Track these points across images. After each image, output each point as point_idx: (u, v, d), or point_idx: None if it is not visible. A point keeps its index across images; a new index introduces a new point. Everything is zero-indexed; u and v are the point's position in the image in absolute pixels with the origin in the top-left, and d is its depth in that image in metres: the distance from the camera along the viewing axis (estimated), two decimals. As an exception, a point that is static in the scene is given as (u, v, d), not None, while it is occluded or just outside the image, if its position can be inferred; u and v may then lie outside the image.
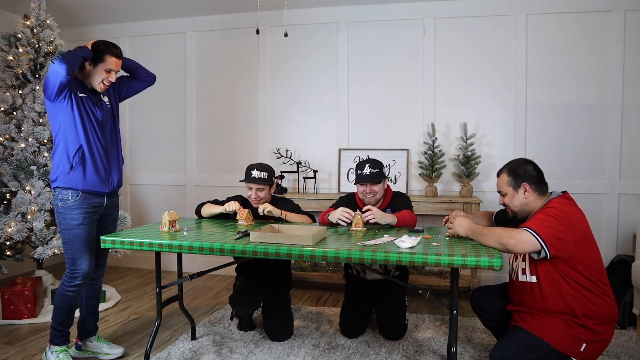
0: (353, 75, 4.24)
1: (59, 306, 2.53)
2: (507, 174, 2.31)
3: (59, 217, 2.49)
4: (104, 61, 2.47)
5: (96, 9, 4.34)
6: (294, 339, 2.95)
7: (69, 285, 2.49)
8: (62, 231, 2.49)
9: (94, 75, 2.49)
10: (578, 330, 2.11)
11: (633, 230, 3.61)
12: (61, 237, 2.52)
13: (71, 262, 2.49)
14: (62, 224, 2.48)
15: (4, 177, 3.43)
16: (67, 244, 2.48)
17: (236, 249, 2.23)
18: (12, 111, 3.54)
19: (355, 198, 3.01)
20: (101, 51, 2.47)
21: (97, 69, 2.48)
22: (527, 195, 2.26)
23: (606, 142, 3.80)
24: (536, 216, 2.17)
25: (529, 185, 2.26)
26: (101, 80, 2.49)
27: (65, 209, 2.46)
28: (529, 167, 2.30)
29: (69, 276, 2.50)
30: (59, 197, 2.47)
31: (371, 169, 2.85)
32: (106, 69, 2.49)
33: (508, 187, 2.30)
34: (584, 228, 2.16)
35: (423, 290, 2.31)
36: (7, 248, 3.41)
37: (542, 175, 2.30)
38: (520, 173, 2.28)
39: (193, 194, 4.57)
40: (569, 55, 3.83)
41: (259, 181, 2.91)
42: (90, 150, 2.49)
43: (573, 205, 2.23)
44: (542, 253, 2.07)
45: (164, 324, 3.22)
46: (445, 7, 4.01)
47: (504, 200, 2.34)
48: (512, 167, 2.33)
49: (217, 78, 4.53)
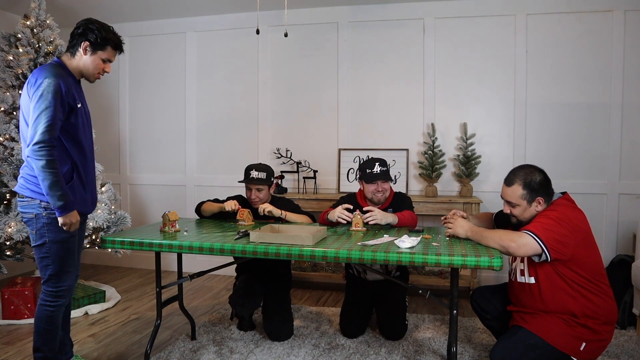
0: (353, 75, 4.23)
1: (46, 330, 2.19)
2: (521, 187, 2.21)
3: (41, 229, 2.14)
4: (105, 49, 2.21)
5: (96, 9, 4.34)
6: (294, 339, 2.95)
7: (54, 305, 2.19)
8: (44, 245, 2.14)
9: (90, 64, 2.20)
10: (578, 329, 2.11)
11: (633, 230, 3.61)
12: (40, 252, 2.16)
13: (55, 278, 2.17)
14: (46, 236, 2.14)
15: (4, 177, 3.43)
16: (50, 258, 2.15)
17: (236, 249, 2.23)
18: (12, 111, 3.54)
19: (357, 198, 3.01)
20: (102, 39, 2.18)
21: (94, 57, 2.20)
22: (539, 207, 2.23)
23: (606, 142, 3.80)
24: (537, 219, 2.17)
25: (543, 199, 2.22)
26: (98, 71, 2.24)
27: (53, 220, 2.12)
28: (541, 177, 2.23)
29: (53, 294, 2.18)
30: (42, 205, 2.13)
31: (381, 167, 2.86)
32: (104, 59, 2.23)
33: (522, 200, 2.22)
34: (585, 230, 2.16)
35: (423, 290, 2.31)
36: (7, 248, 3.41)
37: (550, 182, 2.26)
38: (536, 187, 2.20)
39: (193, 194, 4.57)
40: (569, 55, 3.83)
41: (258, 181, 2.92)
42: (83, 167, 2.22)
43: (574, 207, 2.23)
44: (543, 256, 2.07)
45: (164, 324, 3.22)
46: (445, 7, 4.01)
47: (514, 212, 2.27)
48: (525, 179, 2.22)
49: (217, 78, 4.53)
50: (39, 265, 2.19)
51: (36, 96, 2.03)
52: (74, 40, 2.20)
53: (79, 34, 2.18)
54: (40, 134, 2.00)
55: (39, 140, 2.01)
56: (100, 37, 2.18)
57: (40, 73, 2.08)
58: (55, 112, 2.03)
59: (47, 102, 2.02)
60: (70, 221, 2.12)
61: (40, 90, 2.03)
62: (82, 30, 2.18)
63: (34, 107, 2.03)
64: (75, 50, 2.19)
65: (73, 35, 2.21)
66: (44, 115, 2.01)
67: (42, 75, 2.07)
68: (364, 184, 2.93)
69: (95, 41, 2.18)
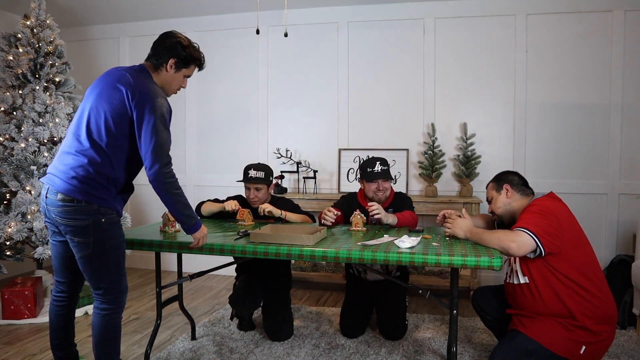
0: (353, 75, 4.23)
1: (116, 337, 2.10)
2: (492, 181, 2.51)
3: (101, 236, 1.99)
4: (189, 67, 2.17)
5: (96, 9, 4.34)
6: (294, 339, 2.95)
7: (119, 310, 2.10)
8: (104, 251, 2.02)
9: (173, 80, 2.16)
10: (577, 333, 2.11)
11: (633, 230, 3.61)
12: (99, 260, 2.02)
13: (117, 285, 2.07)
14: (108, 243, 2.02)
15: (4, 177, 3.43)
16: (111, 265, 2.05)
17: (236, 249, 2.23)
18: (12, 111, 3.54)
19: (357, 197, 3.01)
20: (190, 57, 2.14)
21: (179, 74, 2.15)
22: (509, 195, 2.38)
23: (606, 142, 3.80)
24: (522, 216, 2.22)
25: (510, 186, 2.39)
26: (179, 86, 2.20)
27: (110, 225, 2.03)
28: (512, 175, 2.46)
29: (118, 302, 2.08)
30: (100, 211, 1.99)
31: (382, 167, 2.88)
32: (186, 75, 2.19)
33: (492, 190, 2.47)
34: (571, 222, 2.19)
35: (423, 290, 2.31)
36: (7, 248, 3.41)
37: (525, 181, 2.45)
38: (503, 177, 2.46)
39: (193, 194, 4.57)
40: (569, 55, 3.83)
41: (256, 181, 2.92)
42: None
43: (556, 200, 2.29)
44: (538, 251, 2.09)
45: (164, 324, 3.22)
46: (445, 7, 4.01)
47: (491, 207, 2.47)
48: (496, 175, 2.52)
49: (217, 78, 4.53)
50: (94, 273, 2.03)
51: (153, 113, 1.98)
52: (158, 53, 2.12)
53: (167, 48, 2.10)
54: (167, 154, 2.03)
55: (169, 161, 2.03)
56: (189, 56, 2.14)
57: (155, 91, 2.03)
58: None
59: (165, 123, 2.03)
60: (202, 234, 2.19)
61: (159, 110, 2.00)
62: (172, 46, 2.11)
63: (154, 124, 1.98)
64: (160, 64, 2.12)
65: (157, 47, 2.13)
66: (167, 135, 2.03)
67: (157, 94, 2.03)
68: (364, 183, 2.94)
69: (185, 59, 2.13)
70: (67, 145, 2.05)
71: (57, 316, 2.19)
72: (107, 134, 1.99)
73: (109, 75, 2.09)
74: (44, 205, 2.04)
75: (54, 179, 2.00)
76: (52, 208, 1.99)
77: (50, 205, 1.99)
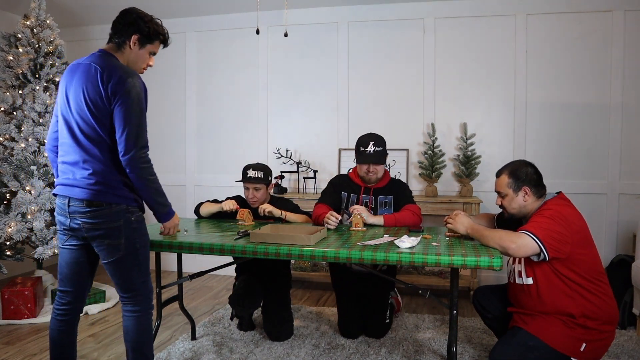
0: (353, 75, 4.24)
1: (150, 339, 2.07)
2: (508, 176, 2.30)
3: (132, 235, 1.96)
4: (153, 43, 2.05)
5: (96, 9, 4.34)
6: (294, 339, 2.95)
7: (151, 313, 2.05)
8: (136, 251, 1.98)
9: (139, 58, 2.04)
10: (578, 330, 2.11)
11: (633, 230, 3.61)
12: (130, 262, 1.97)
13: (146, 285, 2.03)
14: (138, 242, 1.98)
15: (4, 177, 3.43)
16: (142, 265, 2.00)
17: (236, 249, 2.23)
18: (12, 111, 3.54)
19: (350, 177, 2.95)
20: (153, 32, 2.02)
21: (143, 50, 2.03)
22: (527, 198, 2.27)
23: (606, 142, 3.80)
24: (533, 218, 2.18)
25: (529, 189, 2.26)
26: (146, 65, 2.09)
27: (139, 223, 2.01)
28: (530, 169, 2.29)
29: (148, 302, 2.04)
30: (129, 210, 1.97)
31: (375, 148, 2.78)
32: (152, 52, 2.08)
33: (508, 188, 2.29)
34: (582, 228, 2.17)
35: (423, 290, 2.31)
36: (7, 248, 3.41)
37: (541, 178, 2.31)
38: (522, 176, 2.27)
39: (193, 194, 4.57)
40: (569, 55, 3.83)
41: (255, 180, 2.92)
42: None
43: (569, 205, 2.24)
44: (542, 255, 2.08)
45: (164, 324, 3.22)
46: (445, 7, 4.01)
47: (503, 202, 2.34)
48: (513, 168, 2.31)
49: (217, 78, 4.53)
50: (125, 275, 1.98)
51: (128, 95, 1.87)
52: (120, 31, 2.00)
53: (128, 24, 1.99)
54: (144, 138, 1.93)
55: (145, 144, 1.92)
56: (152, 31, 2.02)
57: (126, 72, 1.92)
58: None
59: (141, 103, 1.92)
60: (174, 223, 2.15)
61: (133, 90, 1.89)
62: (132, 21, 1.99)
63: (127, 109, 1.88)
64: (123, 42, 1.99)
65: (118, 25, 2.01)
66: (142, 117, 1.92)
67: (128, 74, 1.91)
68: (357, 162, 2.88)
69: (148, 35, 2.01)
70: (69, 154, 1.97)
71: (59, 332, 2.07)
72: (103, 132, 1.92)
73: (75, 72, 1.96)
74: (64, 215, 1.95)
75: (73, 190, 1.93)
76: (78, 215, 1.92)
77: (75, 213, 1.92)
